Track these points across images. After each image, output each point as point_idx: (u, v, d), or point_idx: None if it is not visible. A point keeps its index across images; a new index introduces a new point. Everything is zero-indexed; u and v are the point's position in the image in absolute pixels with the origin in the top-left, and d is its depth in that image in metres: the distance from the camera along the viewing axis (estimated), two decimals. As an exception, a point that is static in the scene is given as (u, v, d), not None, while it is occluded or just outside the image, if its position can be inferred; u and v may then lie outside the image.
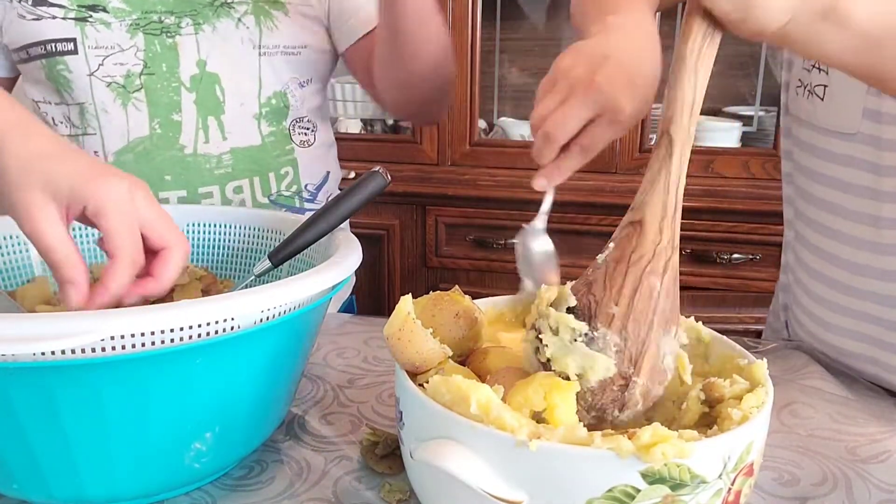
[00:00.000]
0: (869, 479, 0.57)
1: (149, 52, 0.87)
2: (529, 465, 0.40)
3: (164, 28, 0.87)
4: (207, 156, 0.91)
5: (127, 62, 0.87)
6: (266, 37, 0.91)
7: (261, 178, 0.94)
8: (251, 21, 0.90)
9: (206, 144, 0.91)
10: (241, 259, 0.75)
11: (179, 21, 0.88)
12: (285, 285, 0.50)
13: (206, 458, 0.53)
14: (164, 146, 0.89)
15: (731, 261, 1.69)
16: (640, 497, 0.40)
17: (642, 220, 0.45)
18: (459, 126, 1.87)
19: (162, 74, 0.88)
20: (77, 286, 0.50)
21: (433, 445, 0.43)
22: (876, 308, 0.71)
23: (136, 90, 0.88)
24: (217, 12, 0.89)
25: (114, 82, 0.87)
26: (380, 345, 0.82)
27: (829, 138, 0.72)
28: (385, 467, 0.57)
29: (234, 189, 0.93)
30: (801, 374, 0.74)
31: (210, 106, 0.90)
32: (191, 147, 0.90)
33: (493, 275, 1.86)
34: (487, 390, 0.42)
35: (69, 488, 0.50)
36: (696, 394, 0.47)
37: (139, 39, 0.87)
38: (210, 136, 0.90)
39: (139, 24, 0.87)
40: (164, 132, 0.89)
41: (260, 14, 0.90)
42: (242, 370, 0.52)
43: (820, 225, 0.75)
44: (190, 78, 0.89)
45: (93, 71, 0.87)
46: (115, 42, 0.87)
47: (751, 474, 0.44)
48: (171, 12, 0.88)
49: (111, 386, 0.46)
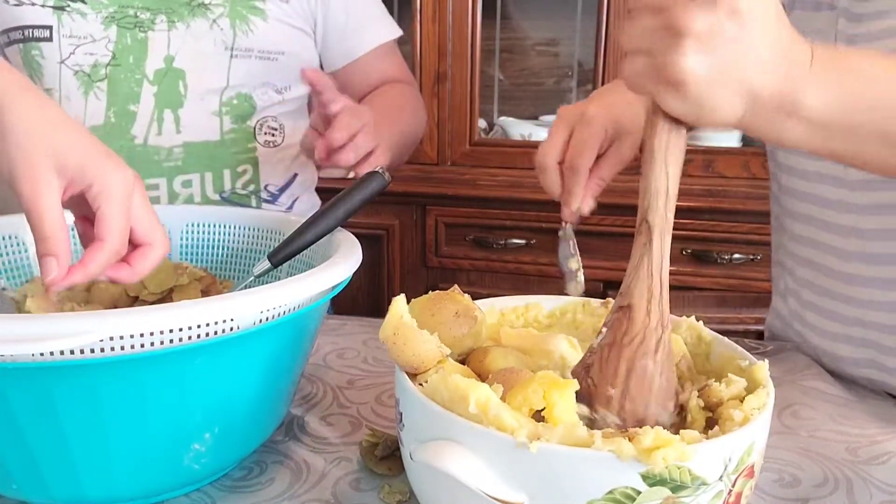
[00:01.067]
0: (870, 481, 0.57)
1: (119, 44, 0.89)
2: (530, 466, 0.40)
3: (138, 23, 0.89)
4: (158, 147, 0.91)
5: (97, 52, 0.88)
6: (240, 39, 0.92)
7: (213, 174, 0.94)
8: (226, 23, 0.91)
9: (158, 136, 0.91)
10: (240, 259, 0.75)
11: (154, 17, 0.89)
12: (285, 286, 0.50)
13: (206, 459, 0.52)
14: (115, 135, 0.90)
15: (731, 261, 1.69)
16: (640, 499, 0.40)
17: (630, 305, 0.47)
18: (459, 126, 1.86)
19: (128, 66, 0.89)
20: (59, 259, 0.50)
21: (433, 447, 0.43)
22: (871, 314, 0.72)
23: (100, 80, 0.89)
24: (193, 12, 0.90)
25: (81, 71, 0.89)
26: (379, 346, 0.81)
27: (799, 157, 0.75)
28: (385, 468, 0.57)
29: (183, 183, 0.93)
30: (802, 376, 0.74)
31: (169, 100, 0.91)
32: (141, 138, 0.90)
33: (493, 275, 1.86)
34: (486, 389, 0.42)
35: (68, 489, 0.50)
36: (696, 403, 0.47)
37: (112, 32, 0.88)
38: (164, 128, 0.91)
39: (115, 17, 0.88)
40: (117, 121, 0.90)
41: (236, 17, 0.91)
42: (242, 371, 0.52)
43: (810, 239, 0.77)
44: (154, 71, 0.90)
45: (64, 59, 0.88)
46: (88, 32, 0.88)
47: (752, 476, 0.44)
48: (148, 8, 0.89)
49: (110, 386, 0.46)
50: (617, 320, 0.48)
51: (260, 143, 0.97)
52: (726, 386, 0.47)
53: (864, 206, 0.69)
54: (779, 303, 0.87)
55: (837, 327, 0.75)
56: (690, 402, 0.47)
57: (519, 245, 1.81)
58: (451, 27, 1.81)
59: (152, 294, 0.72)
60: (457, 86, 1.85)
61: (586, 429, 0.40)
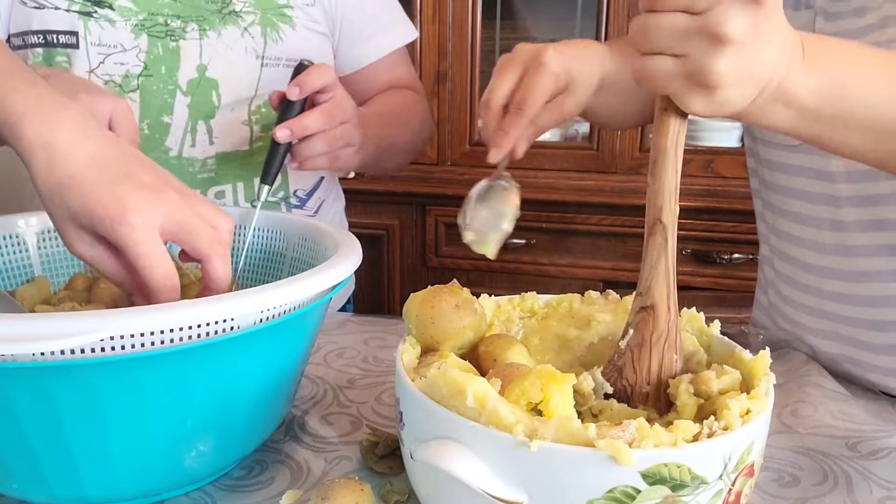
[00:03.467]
0: (870, 477, 0.57)
1: (151, 54, 0.87)
2: (530, 465, 0.40)
3: (168, 31, 0.86)
4: (192, 159, 0.90)
5: (128, 62, 0.86)
6: (270, 48, 0.91)
7: (245, 184, 0.94)
8: (257, 31, 0.90)
9: (192, 148, 0.90)
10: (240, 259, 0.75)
11: (185, 25, 0.87)
12: (285, 285, 0.50)
13: (206, 459, 0.52)
14: (150, 148, 0.88)
15: (731, 261, 1.69)
16: (640, 497, 0.40)
17: (654, 305, 0.49)
18: (459, 126, 1.87)
19: (160, 76, 0.87)
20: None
21: (433, 446, 0.43)
22: (847, 308, 0.73)
23: (132, 90, 0.87)
24: (224, 20, 0.88)
25: (111, 81, 0.87)
26: (380, 345, 0.81)
27: (781, 151, 0.76)
28: (385, 467, 0.57)
29: (216, 194, 0.92)
30: (801, 373, 0.74)
31: (203, 110, 0.89)
32: (176, 150, 0.89)
33: (494, 274, 1.86)
34: (484, 383, 0.43)
35: (69, 488, 0.50)
36: (686, 387, 0.47)
37: (143, 41, 0.86)
38: (197, 139, 0.90)
39: (144, 25, 0.86)
40: (151, 133, 0.88)
41: (267, 25, 0.90)
42: (242, 370, 0.52)
43: (787, 234, 0.78)
44: (187, 82, 0.88)
45: (93, 68, 0.86)
46: (117, 41, 0.86)
47: (751, 475, 0.44)
48: (178, 16, 0.87)
49: (111, 386, 0.46)
50: (643, 320, 0.49)
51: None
52: (717, 377, 0.47)
53: (845, 198, 0.70)
54: (760, 296, 0.88)
55: (814, 322, 0.76)
56: (681, 386, 0.48)
57: (518, 245, 1.81)
58: (451, 27, 1.81)
59: (152, 294, 0.72)
60: (457, 86, 1.85)
61: (580, 422, 0.41)
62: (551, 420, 0.41)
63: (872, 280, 0.70)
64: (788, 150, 0.74)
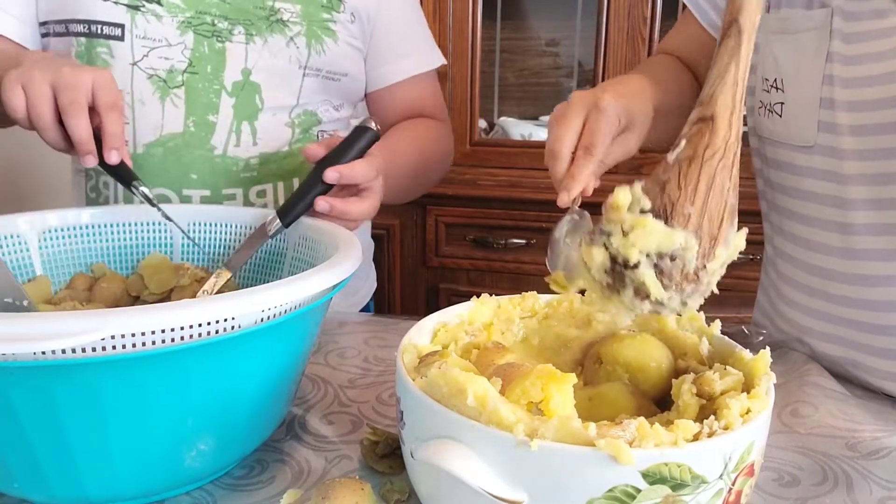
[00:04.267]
0: (870, 477, 0.57)
1: (196, 51, 0.87)
2: (530, 464, 0.40)
3: (215, 31, 0.87)
4: (236, 158, 0.91)
5: (172, 57, 0.87)
6: (313, 59, 0.92)
7: (285, 184, 0.94)
8: (302, 42, 0.90)
9: (236, 147, 0.90)
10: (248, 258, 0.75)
11: (232, 28, 0.88)
12: (285, 285, 0.50)
13: (207, 458, 0.53)
14: (195, 145, 0.89)
15: (731, 261, 1.69)
16: (640, 497, 0.40)
17: (714, 116, 0.45)
18: (459, 126, 1.87)
19: (205, 75, 0.88)
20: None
21: (434, 445, 0.43)
22: (851, 312, 0.72)
23: (177, 86, 0.87)
24: (271, 27, 0.89)
25: (156, 75, 0.87)
26: (380, 344, 0.82)
27: (790, 152, 0.75)
28: (385, 467, 0.57)
29: (258, 193, 0.93)
30: (801, 373, 0.74)
31: (247, 112, 0.90)
32: (221, 148, 0.90)
33: (493, 274, 1.86)
34: (484, 383, 0.43)
35: (69, 487, 0.50)
36: (688, 387, 0.47)
37: (188, 38, 0.87)
38: (241, 139, 0.90)
39: (191, 22, 0.87)
40: (197, 131, 0.89)
41: (312, 37, 0.91)
42: (243, 370, 0.52)
43: (791, 234, 0.78)
44: (232, 83, 0.89)
45: (136, 60, 0.87)
46: (163, 35, 0.86)
47: (751, 474, 0.44)
48: (226, 17, 0.87)
49: (111, 385, 0.46)
50: (698, 132, 0.45)
51: None
52: (720, 377, 0.47)
53: (855, 200, 0.69)
54: (761, 296, 0.88)
55: (815, 324, 0.76)
56: (683, 387, 0.47)
57: (519, 245, 1.81)
58: (451, 27, 1.81)
59: (153, 294, 0.73)
60: (457, 86, 1.85)
61: (580, 422, 0.41)
62: (552, 420, 0.41)
63: (879, 284, 0.70)
64: (797, 150, 0.74)
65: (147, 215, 0.77)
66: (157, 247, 0.77)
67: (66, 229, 0.73)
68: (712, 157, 0.45)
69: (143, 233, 0.76)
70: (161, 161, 0.89)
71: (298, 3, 0.90)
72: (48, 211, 0.73)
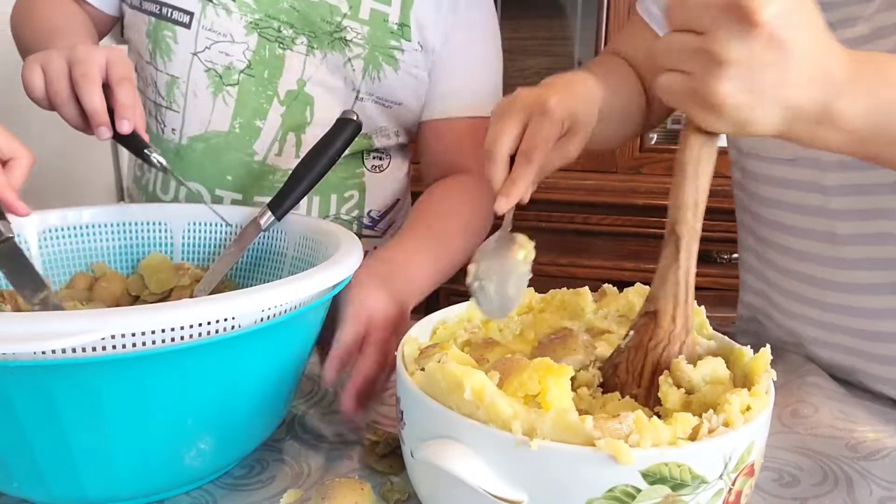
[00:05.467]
0: (869, 477, 0.57)
1: (258, 54, 0.86)
2: (530, 464, 0.40)
3: (279, 37, 0.86)
4: (275, 167, 0.89)
5: (233, 55, 0.86)
6: (366, 84, 0.89)
7: (321, 198, 0.92)
8: (359, 65, 0.88)
9: (277, 157, 0.89)
10: (241, 259, 0.75)
11: (296, 37, 0.86)
12: (285, 285, 0.50)
13: (206, 458, 0.53)
14: (237, 146, 0.88)
15: (730, 261, 1.69)
16: (640, 497, 0.40)
17: (657, 311, 0.49)
18: (459, 126, 1.86)
19: (261, 79, 0.87)
20: None
21: (434, 445, 0.43)
22: (846, 319, 0.73)
23: (231, 84, 0.87)
24: (333, 44, 0.87)
25: (213, 69, 0.86)
26: (380, 344, 0.81)
27: (772, 165, 0.76)
28: (385, 466, 0.57)
29: None
30: (800, 373, 0.74)
31: (295, 123, 0.88)
32: (262, 155, 0.88)
33: (493, 274, 1.86)
34: (482, 376, 0.43)
35: (69, 487, 0.50)
36: (664, 378, 0.47)
37: (252, 39, 0.86)
38: (284, 149, 0.89)
39: (258, 24, 0.86)
40: (241, 134, 0.87)
41: (370, 63, 0.88)
42: (242, 370, 0.52)
43: (781, 246, 0.78)
44: (286, 92, 0.88)
45: (198, 51, 0.86)
46: (228, 31, 0.85)
47: (751, 474, 0.44)
48: (292, 25, 0.86)
49: (111, 385, 0.46)
50: (644, 325, 0.49)
51: (367, 167, 0.95)
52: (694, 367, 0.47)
53: (840, 210, 0.70)
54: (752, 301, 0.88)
55: (811, 331, 0.76)
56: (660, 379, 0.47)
57: (519, 245, 1.81)
58: (451, 27, 1.81)
59: (153, 294, 0.73)
60: (457, 86, 1.85)
61: (577, 415, 0.41)
62: (548, 413, 0.41)
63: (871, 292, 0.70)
64: (780, 162, 0.74)
65: (147, 215, 0.77)
66: (158, 247, 0.77)
67: (66, 229, 0.73)
68: (656, 347, 0.49)
69: (144, 233, 0.76)
70: (200, 156, 0.88)
71: (368, 25, 0.87)
72: (48, 210, 0.73)
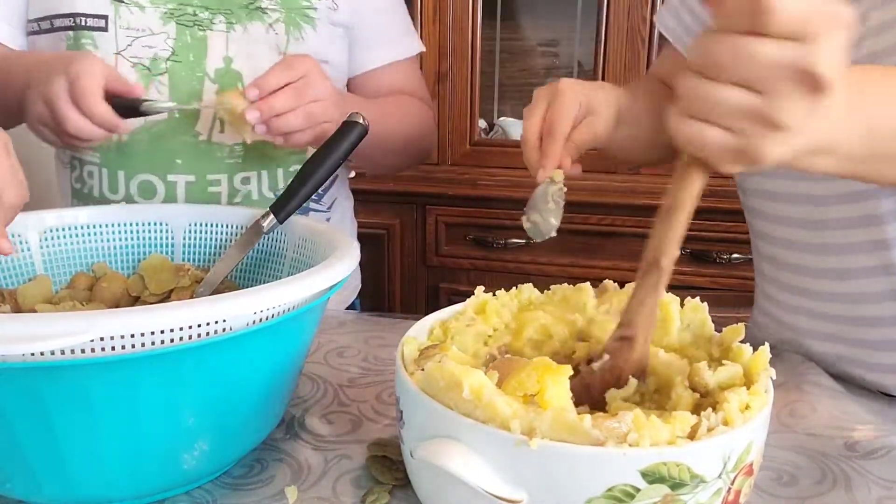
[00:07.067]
0: (868, 476, 0.57)
1: (179, 41, 0.89)
2: (530, 464, 0.40)
3: (196, 21, 0.89)
4: (221, 145, 0.92)
5: (156, 46, 0.88)
6: (292, 45, 0.93)
7: (269, 173, 0.95)
8: (281, 29, 0.92)
9: (220, 134, 0.92)
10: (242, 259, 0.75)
11: (213, 17, 0.90)
12: (281, 286, 0.50)
13: (200, 460, 0.52)
14: (180, 131, 0.90)
15: (730, 261, 1.69)
16: (639, 496, 0.40)
17: (633, 337, 0.49)
18: (459, 126, 1.87)
19: (188, 63, 0.89)
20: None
21: (434, 444, 0.43)
22: (835, 307, 0.73)
23: (160, 73, 0.89)
24: (250, 15, 0.91)
25: (140, 64, 0.88)
26: (380, 344, 0.82)
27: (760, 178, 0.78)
28: (392, 479, 0.56)
29: (242, 180, 0.94)
30: (799, 372, 0.74)
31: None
32: (206, 135, 0.91)
33: (494, 274, 1.86)
34: (481, 376, 0.43)
35: (61, 488, 0.49)
36: (681, 380, 0.47)
37: (171, 28, 0.88)
38: (226, 126, 0.91)
39: (173, 13, 0.89)
40: (181, 117, 0.90)
41: (290, 24, 0.92)
42: (235, 372, 0.51)
43: (770, 236, 0.79)
44: (214, 70, 0.91)
45: (121, 50, 0.88)
46: (146, 25, 0.88)
47: (751, 474, 0.44)
48: (206, 7, 0.90)
49: (102, 387, 0.45)
50: (618, 349, 0.50)
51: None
52: (714, 371, 0.47)
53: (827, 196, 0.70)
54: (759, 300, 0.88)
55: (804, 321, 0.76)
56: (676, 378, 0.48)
57: (519, 245, 1.81)
58: (451, 27, 1.81)
59: (154, 295, 0.73)
60: (457, 86, 1.85)
61: (576, 413, 0.41)
62: (547, 412, 0.41)
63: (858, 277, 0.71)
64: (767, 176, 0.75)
65: (148, 216, 0.77)
66: (158, 247, 0.77)
67: (66, 229, 0.73)
68: (626, 368, 0.50)
69: (144, 233, 0.77)
70: (147, 146, 0.90)
71: None
72: (49, 210, 0.73)
